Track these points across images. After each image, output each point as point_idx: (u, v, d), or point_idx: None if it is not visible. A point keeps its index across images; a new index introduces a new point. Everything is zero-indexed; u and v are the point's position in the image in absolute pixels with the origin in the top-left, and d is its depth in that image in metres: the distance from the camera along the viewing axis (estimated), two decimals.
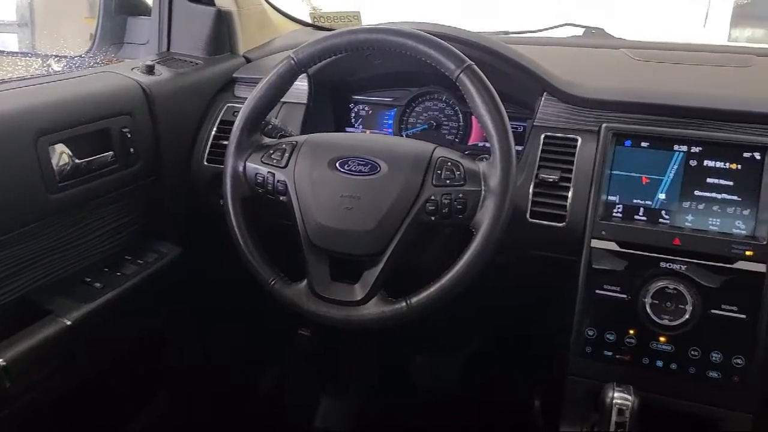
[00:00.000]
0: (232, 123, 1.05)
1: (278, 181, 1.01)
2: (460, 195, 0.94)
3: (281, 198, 1.02)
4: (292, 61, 1.01)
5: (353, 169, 0.99)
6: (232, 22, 1.39)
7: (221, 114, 1.27)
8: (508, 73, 1.13)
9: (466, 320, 1.40)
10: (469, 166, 0.96)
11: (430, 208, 0.95)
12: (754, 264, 0.93)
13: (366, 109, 1.38)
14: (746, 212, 0.96)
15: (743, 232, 0.96)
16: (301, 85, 1.24)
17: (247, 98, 1.04)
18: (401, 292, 0.96)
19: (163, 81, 1.21)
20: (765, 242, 0.93)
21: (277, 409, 1.59)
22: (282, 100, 1.09)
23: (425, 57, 0.96)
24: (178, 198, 1.25)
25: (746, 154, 0.97)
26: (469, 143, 1.32)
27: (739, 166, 0.97)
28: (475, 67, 0.94)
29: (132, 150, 1.13)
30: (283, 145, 1.04)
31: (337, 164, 1.00)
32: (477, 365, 1.54)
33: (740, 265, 0.93)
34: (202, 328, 1.46)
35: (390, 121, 1.36)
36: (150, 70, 1.21)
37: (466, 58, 0.95)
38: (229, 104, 1.28)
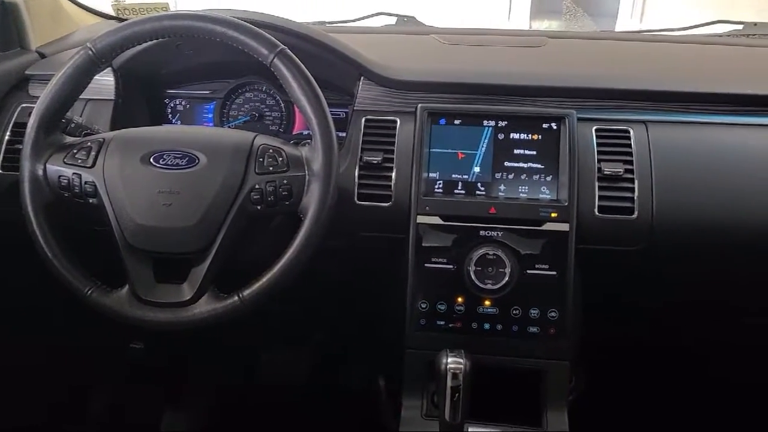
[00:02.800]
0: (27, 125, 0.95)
1: (86, 183, 0.93)
2: (285, 181, 0.93)
3: (91, 200, 0.94)
4: (90, 52, 0.94)
5: (169, 163, 0.94)
6: (19, 15, 1.25)
7: (14, 116, 1.15)
8: (324, 58, 1.14)
9: (309, 310, 1.39)
10: (291, 152, 0.95)
11: (255, 197, 0.93)
12: (559, 224, 1.02)
13: (183, 103, 1.31)
14: (549, 178, 1.05)
15: (548, 196, 1.04)
16: (106, 79, 1.15)
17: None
18: (238, 286, 0.93)
19: None
20: (566, 204, 1.02)
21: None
22: (86, 96, 1.02)
23: (236, 43, 0.94)
24: None
25: (545, 125, 1.06)
26: (294, 132, 1.30)
27: (540, 137, 1.06)
28: (289, 51, 0.93)
29: None
30: (89, 144, 0.96)
31: (151, 159, 0.94)
32: (324, 354, 1.55)
33: (548, 226, 1.02)
34: (20, 349, 1.31)
35: (210, 115, 1.31)
36: None
37: (279, 43, 0.94)
38: (24, 105, 1.16)
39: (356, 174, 1.07)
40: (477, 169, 1.06)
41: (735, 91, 1.11)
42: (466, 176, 1.06)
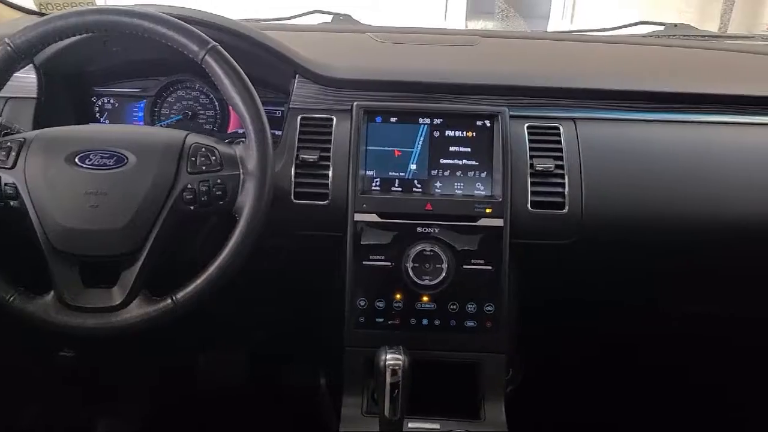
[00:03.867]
0: None
1: (6, 185, 0.90)
2: (219, 181, 0.92)
3: (12, 203, 0.90)
4: (9, 48, 0.90)
5: (96, 163, 0.91)
6: None
7: None
8: (258, 56, 1.12)
9: (246, 310, 1.37)
10: (224, 151, 0.94)
11: (188, 197, 0.91)
12: (493, 220, 1.03)
13: (111, 101, 1.27)
14: (483, 174, 1.06)
15: (483, 192, 1.06)
16: (28, 76, 1.10)
17: None
18: (172, 289, 0.91)
19: None
20: (500, 199, 1.04)
21: None
22: (6, 94, 0.98)
23: (165, 40, 0.91)
24: None
25: (479, 123, 1.08)
26: (229, 131, 1.28)
27: (474, 134, 1.08)
28: (220, 47, 0.92)
29: None
30: (8, 144, 0.92)
31: (76, 159, 0.91)
32: (263, 354, 1.53)
33: (483, 222, 1.04)
34: None
35: (140, 114, 1.27)
36: None
37: (210, 40, 0.92)
38: None
39: (292, 173, 1.06)
40: (413, 167, 1.07)
41: (656, 89, 1.16)
42: (402, 174, 1.07)
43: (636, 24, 1.57)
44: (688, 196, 1.07)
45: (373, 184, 1.07)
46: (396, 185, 1.07)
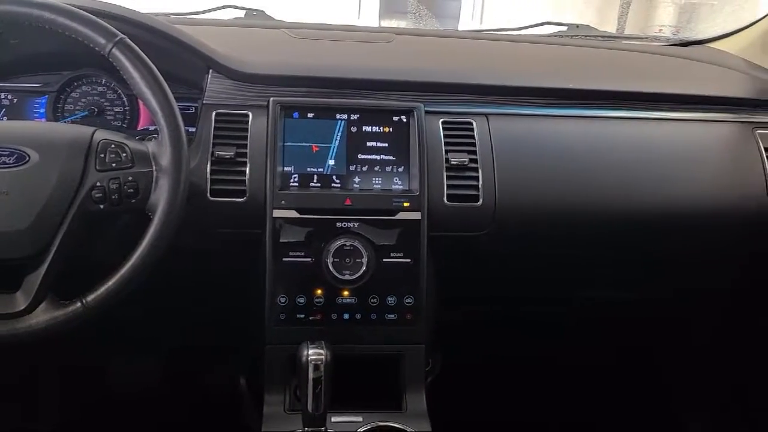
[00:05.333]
0: None
1: None
2: (130, 178, 0.89)
3: None
4: None
5: None
6: None
7: None
8: (169, 50, 1.09)
9: (163, 311, 1.33)
10: (136, 147, 0.91)
11: (98, 195, 0.88)
12: (411, 213, 1.05)
13: (9, 97, 1.20)
14: (401, 169, 1.08)
15: (400, 186, 1.08)
16: None
17: None
18: (82, 291, 0.87)
19: None
20: (417, 193, 1.06)
21: None
22: None
23: (69, 32, 0.87)
24: None
25: (395, 118, 1.09)
26: (139, 128, 1.24)
27: (391, 129, 1.09)
28: (129, 40, 0.89)
29: None
30: None
31: None
32: (181, 355, 1.49)
33: (401, 215, 1.05)
34: None
35: (42, 110, 1.20)
36: None
37: (117, 32, 0.89)
38: None
39: (208, 169, 1.04)
40: (332, 162, 1.07)
41: (561, 86, 1.21)
42: (321, 169, 1.07)
43: (541, 24, 1.64)
44: (593, 187, 1.13)
45: (292, 180, 1.06)
46: (314, 181, 1.07)
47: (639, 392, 1.59)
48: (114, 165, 0.88)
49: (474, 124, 1.13)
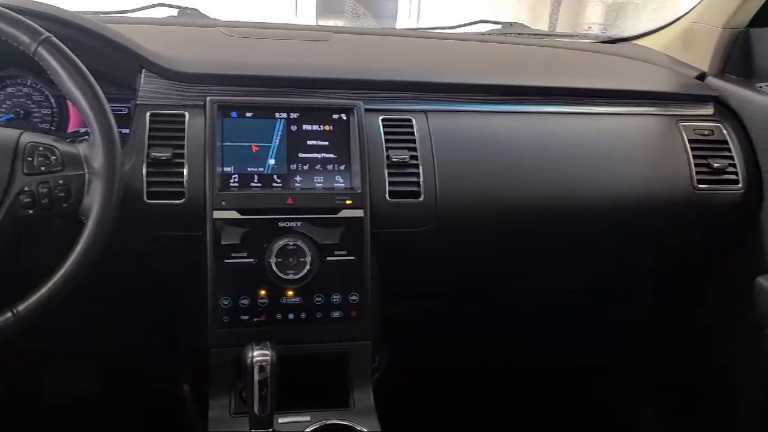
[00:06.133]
0: None
1: None
2: (61, 182, 0.86)
3: None
4: None
5: None
6: None
7: None
8: (99, 49, 1.06)
9: (101, 318, 1.29)
10: (66, 150, 0.88)
11: (26, 200, 0.84)
12: (354, 211, 1.06)
13: None
14: (342, 167, 1.08)
15: (342, 184, 1.08)
16: None
17: None
18: (12, 300, 0.84)
19: None
20: (360, 191, 1.06)
21: None
22: None
23: None
24: None
25: (335, 116, 1.09)
26: (69, 130, 1.19)
27: (331, 127, 1.09)
28: (55, 39, 0.86)
29: None
30: None
31: None
32: (121, 363, 1.44)
33: (344, 213, 1.05)
34: None
35: None
36: None
37: (43, 31, 0.85)
38: None
39: (144, 171, 1.01)
40: (272, 162, 1.07)
41: (497, 83, 1.24)
42: (261, 169, 1.06)
43: (476, 23, 1.67)
44: (530, 181, 1.16)
45: (232, 181, 1.05)
46: (255, 181, 1.05)
47: (583, 380, 1.64)
48: (43, 168, 0.85)
49: (413, 121, 1.14)
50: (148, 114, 1.06)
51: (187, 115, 1.07)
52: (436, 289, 1.32)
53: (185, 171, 1.03)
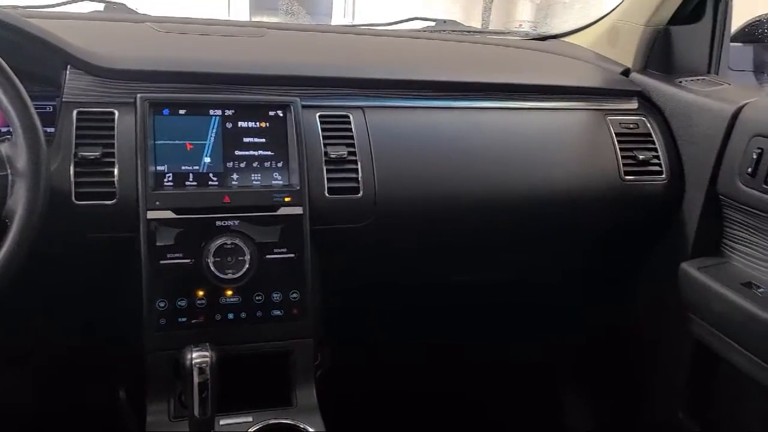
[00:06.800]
0: None
1: None
2: None
3: None
4: None
5: None
6: None
7: None
8: (20, 45, 1.01)
9: (30, 325, 1.23)
10: None
11: None
12: (293, 208, 1.05)
13: None
14: (280, 164, 1.07)
15: (281, 182, 1.07)
16: None
17: None
18: None
19: None
20: (298, 188, 1.06)
21: None
22: None
23: None
24: None
25: (271, 113, 1.08)
26: None
27: (268, 124, 1.08)
28: None
29: None
30: None
31: None
32: (52, 372, 1.38)
33: (282, 211, 1.04)
34: None
35: None
36: None
37: None
38: None
39: (72, 171, 0.98)
40: (207, 160, 1.05)
41: (433, 78, 1.25)
42: (197, 167, 1.04)
43: (411, 20, 1.68)
44: (466, 175, 1.18)
45: (165, 180, 1.02)
46: (190, 179, 1.03)
47: (519, 369, 1.68)
48: None
49: (351, 117, 1.14)
50: (74, 112, 1.02)
51: (116, 112, 1.04)
52: (378, 284, 1.33)
53: (116, 170, 1.00)
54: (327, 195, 1.09)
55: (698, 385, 1.27)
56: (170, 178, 1.02)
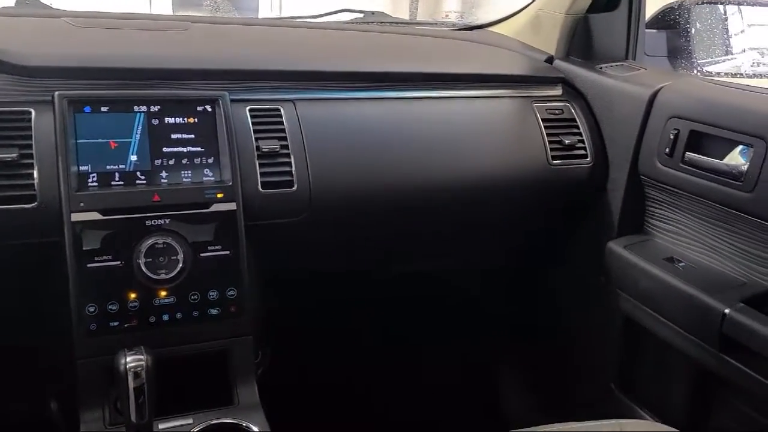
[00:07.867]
0: None
1: None
2: None
3: None
4: None
5: None
6: None
7: None
8: None
9: None
10: None
11: None
12: (226, 204, 1.03)
13: None
14: (210, 160, 1.05)
15: (212, 178, 1.04)
16: None
17: None
18: None
19: None
20: (231, 183, 1.04)
21: None
22: None
23: None
24: None
25: (199, 108, 1.06)
26: None
27: (196, 120, 1.05)
28: None
29: None
30: None
31: None
32: None
33: (215, 207, 1.02)
34: None
35: None
36: None
37: None
38: None
39: None
40: (134, 158, 1.01)
41: (362, 69, 1.25)
42: (123, 166, 1.00)
43: (339, 12, 1.68)
44: (398, 165, 1.19)
45: (90, 180, 0.98)
46: (117, 179, 1.00)
47: (456, 351, 1.70)
48: None
49: (282, 110, 1.13)
50: None
51: (33, 112, 0.99)
52: (317, 277, 1.32)
53: (35, 173, 0.96)
54: (261, 190, 1.07)
55: (628, 360, 1.32)
56: (95, 179, 0.98)
